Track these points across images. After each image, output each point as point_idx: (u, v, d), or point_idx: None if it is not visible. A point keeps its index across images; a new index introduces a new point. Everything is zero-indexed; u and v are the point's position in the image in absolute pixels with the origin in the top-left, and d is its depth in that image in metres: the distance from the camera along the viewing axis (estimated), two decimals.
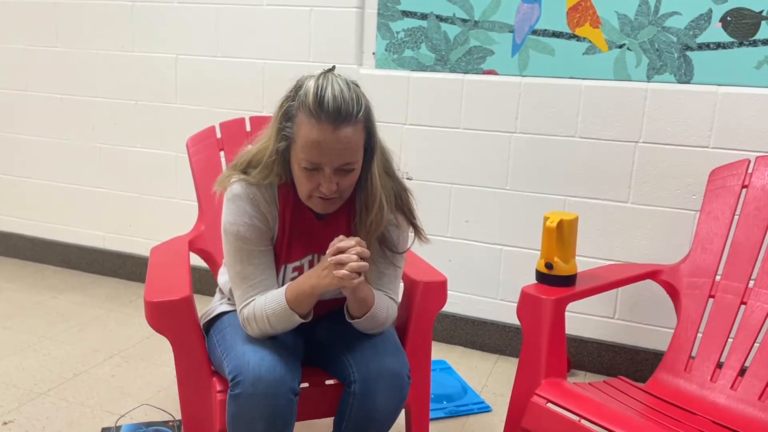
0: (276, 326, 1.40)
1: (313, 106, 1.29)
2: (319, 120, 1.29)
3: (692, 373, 1.73)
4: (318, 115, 1.29)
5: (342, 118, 1.29)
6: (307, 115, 1.30)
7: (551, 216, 1.71)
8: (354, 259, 1.32)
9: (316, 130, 1.29)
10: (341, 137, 1.30)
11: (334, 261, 1.33)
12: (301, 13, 2.58)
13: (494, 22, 2.34)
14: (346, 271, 1.31)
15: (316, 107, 1.29)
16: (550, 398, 1.52)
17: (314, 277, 1.37)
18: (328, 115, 1.28)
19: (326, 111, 1.28)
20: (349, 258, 1.32)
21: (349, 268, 1.31)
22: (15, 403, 2.07)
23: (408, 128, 2.51)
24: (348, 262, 1.32)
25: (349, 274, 1.31)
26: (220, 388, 1.46)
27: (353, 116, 1.30)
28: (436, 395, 2.15)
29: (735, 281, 1.75)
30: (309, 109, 1.29)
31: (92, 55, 2.96)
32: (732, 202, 1.82)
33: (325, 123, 1.29)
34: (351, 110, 1.30)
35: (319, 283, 1.35)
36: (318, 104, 1.28)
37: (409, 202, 1.51)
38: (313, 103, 1.29)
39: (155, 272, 1.64)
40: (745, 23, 2.07)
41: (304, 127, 1.31)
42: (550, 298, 1.63)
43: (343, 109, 1.29)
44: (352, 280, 1.32)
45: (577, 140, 2.30)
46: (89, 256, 3.19)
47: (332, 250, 1.35)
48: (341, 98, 1.29)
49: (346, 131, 1.30)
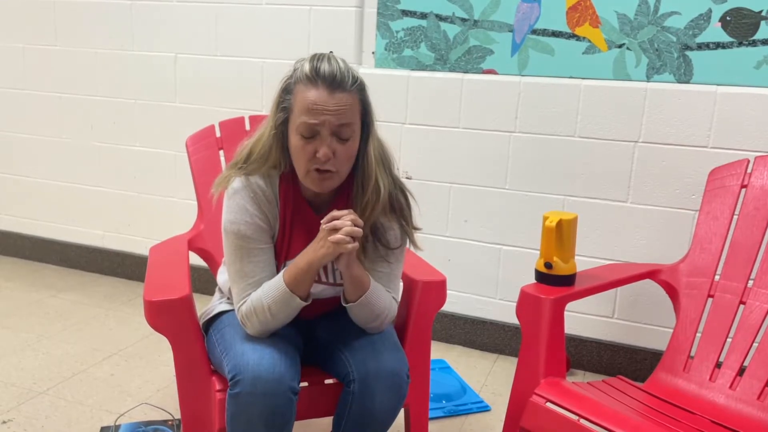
0: (277, 314, 1.40)
1: (310, 72, 1.36)
2: (316, 84, 1.35)
3: (691, 372, 1.73)
4: (314, 80, 1.35)
5: (337, 83, 1.35)
6: (304, 82, 1.37)
7: (550, 215, 1.71)
8: (348, 224, 1.34)
9: (313, 93, 1.35)
10: (337, 98, 1.35)
11: (329, 227, 1.35)
12: (300, 13, 2.58)
13: (494, 21, 2.34)
14: (340, 236, 1.33)
15: (312, 73, 1.36)
16: (549, 398, 1.52)
17: (310, 252, 1.38)
18: (324, 79, 1.35)
19: (322, 76, 1.35)
20: (343, 223, 1.35)
21: (344, 232, 1.33)
22: (14, 402, 2.07)
23: (407, 127, 2.51)
24: (342, 227, 1.34)
25: (343, 237, 1.33)
26: (220, 387, 1.46)
27: (348, 84, 1.37)
28: (435, 394, 2.15)
29: (734, 281, 1.76)
30: (306, 77, 1.36)
31: (91, 54, 2.96)
32: (731, 202, 1.82)
33: (321, 86, 1.35)
34: (346, 78, 1.37)
35: (315, 255, 1.37)
36: (314, 70, 1.36)
37: (403, 204, 1.50)
38: (310, 71, 1.36)
39: (154, 271, 1.64)
40: (744, 23, 2.07)
41: (301, 93, 1.37)
42: (550, 297, 1.63)
43: (338, 76, 1.35)
44: (346, 245, 1.34)
45: (577, 140, 2.31)
46: (88, 255, 3.19)
47: (326, 219, 1.37)
48: (337, 67, 1.37)
49: (342, 95, 1.36)
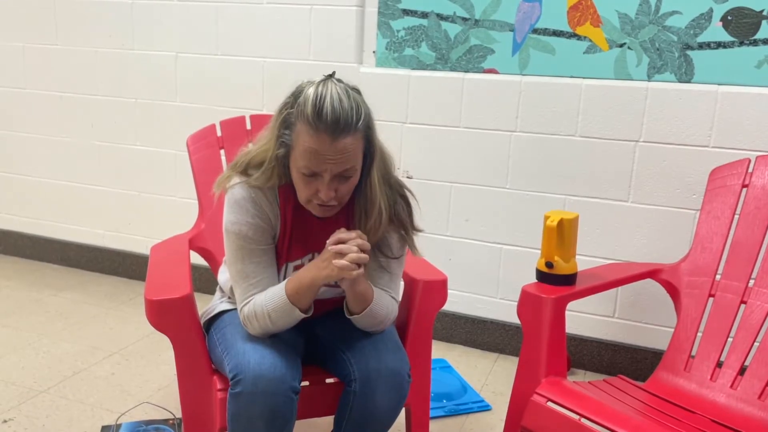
0: (277, 322, 1.40)
1: (312, 116, 1.28)
2: (317, 130, 1.28)
3: (692, 372, 1.73)
4: (316, 125, 1.28)
5: (340, 129, 1.28)
6: (305, 124, 1.29)
7: (552, 215, 1.71)
8: (354, 250, 1.32)
9: (314, 141, 1.28)
10: (339, 147, 1.29)
11: (335, 250, 1.33)
12: (301, 12, 2.58)
13: (495, 20, 2.34)
14: (345, 262, 1.31)
15: (314, 118, 1.27)
16: (550, 397, 1.52)
17: (314, 269, 1.37)
18: (326, 126, 1.27)
19: (324, 122, 1.27)
20: (349, 249, 1.32)
21: (349, 259, 1.32)
22: (15, 401, 2.07)
23: (408, 127, 2.51)
24: (348, 253, 1.32)
25: (348, 264, 1.31)
26: (221, 387, 1.47)
27: (352, 126, 1.29)
28: (436, 394, 2.15)
29: (735, 280, 1.75)
30: (307, 119, 1.28)
31: (92, 53, 2.96)
32: (732, 202, 1.82)
33: (323, 134, 1.28)
34: (350, 120, 1.29)
35: (319, 274, 1.35)
36: (316, 115, 1.27)
37: (402, 214, 1.48)
38: (312, 114, 1.27)
39: (155, 270, 1.64)
40: (745, 22, 2.07)
41: (303, 136, 1.30)
42: (551, 297, 1.63)
43: (341, 120, 1.28)
44: (351, 272, 1.32)
45: (578, 139, 2.30)
46: (89, 254, 3.19)
47: (333, 240, 1.35)
48: (340, 108, 1.28)
49: (345, 141, 1.29)
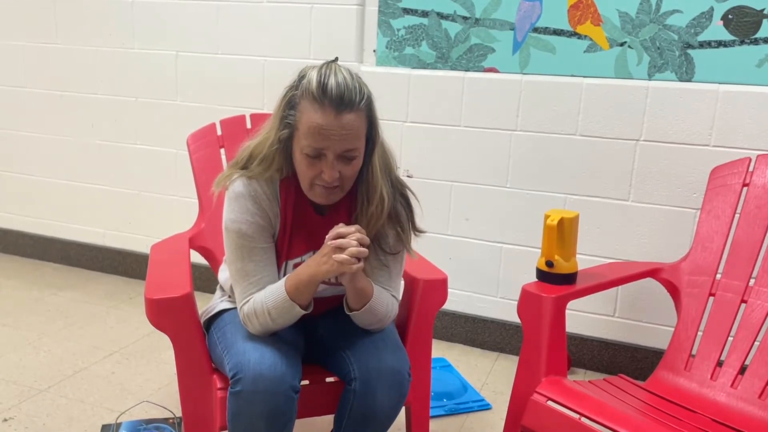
0: (277, 319, 1.40)
1: (317, 91, 1.30)
2: (323, 105, 1.30)
3: (692, 371, 1.73)
4: (321, 100, 1.30)
5: (345, 103, 1.30)
6: (310, 101, 1.31)
7: (552, 214, 1.71)
8: (354, 244, 1.32)
9: (319, 115, 1.30)
10: (344, 122, 1.30)
11: (334, 245, 1.33)
12: (301, 11, 2.58)
13: (495, 19, 2.34)
14: (345, 256, 1.31)
15: (319, 92, 1.30)
16: (551, 396, 1.52)
17: (313, 265, 1.37)
18: (331, 101, 1.29)
19: (329, 96, 1.29)
20: (348, 243, 1.32)
21: (349, 253, 1.31)
22: (15, 400, 2.07)
23: (409, 126, 2.51)
24: (348, 247, 1.32)
25: (348, 258, 1.31)
26: (221, 386, 1.47)
27: (356, 103, 1.31)
28: (436, 393, 2.15)
29: (735, 280, 1.75)
30: (312, 95, 1.30)
31: (92, 52, 2.96)
32: (733, 201, 1.82)
33: (328, 108, 1.30)
34: (354, 97, 1.31)
35: (319, 269, 1.35)
36: (321, 90, 1.29)
37: (400, 212, 1.48)
38: (317, 89, 1.30)
39: (156, 269, 1.64)
40: (746, 21, 2.07)
41: (307, 113, 1.32)
42: (551, 296, 1.63)
43: (345, 96, 1.30)
44: (351, 266, 1.32)
45: (578, 138, 2.30)
46: (89, 253, 3.19)
47: (332, 235, 1.35)
48: (344, 85, 1.30)
49: (349, 117, 1.31)
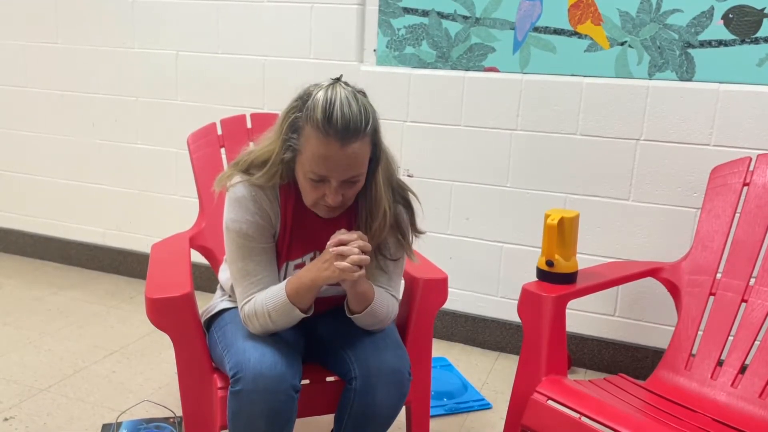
0: (277, 321, 1.40)
1: (322, 122, 1.27)
2: (327, 135, 1.28)
3: (693, 370, 1.73)
4: (326, 131, 1.27)
5: (350, 134, 1.28)
6: (315, 129, 1.29)
7: (552, 213, 1.71)
8: (355, 252, 1.32)
9: (324, 146, 1.28)
10: (349, 153, 1.29)
11: (336, 252, 1.33)
12: (302, 10, 2.58)
13: (495, 19, 2.33)
14: (347, 264, 1.31)
15: (324, 123, 1.27)
16: (551, 395, 1.52)
17: (314, 270, 1.37)
18: (336, 132, 1.27)
19: (334, 127, 1.27)
20: (350, 250, 1.32)
21: (350, 261, 1.31)
22: (16, 399, 2.07)
23: (409, 125, 2.51)
24: (349, 255, 1.32)
25: (349, 266, 1.31)
26: (221, 385, 1.47)
27: (361, 131, 1.29)
28: (437, 392, 2.15)
29: (736, 279, 1.75)
30: (317, 125, 1.28)
31: (92, 52, 2.96)
32: (733, 200, 1.82)
33: (333, 139, 1.27)
34: (359, 125, 1.29)
35: (320, 275, 1.35)
36: (326, 120, 1.27)
37: (401, 219, 1.48)
38: (322, 119, 1.27)
39: (156, 269, 1.64)
40: (746, 20, 2.07)
41: (312, 141, 1.30)
42: (551, 295, 1.63)
43: (351, 126, 1.27)
44: (352, 273, 1.32)
45: (578, 138, 2.30)
46: (89, 253, 3.19)
47: (333, 242, 1.35)
48: (349, 113, 1.27)
49: (354, 147, 1.29)
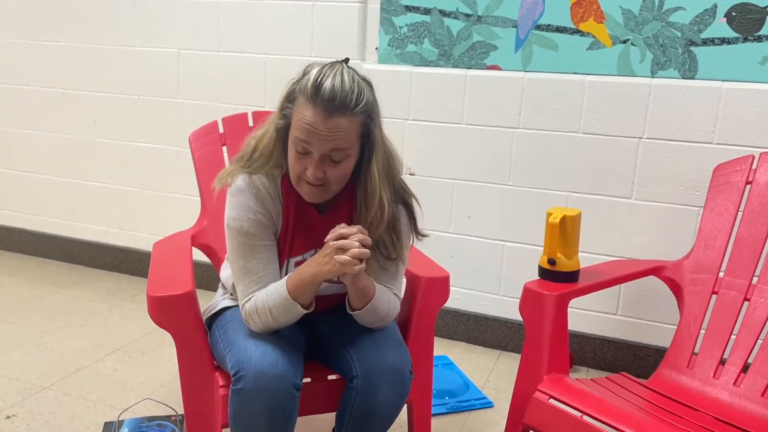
0: (278, 318, 1.40)
1: (311, 90, 1.31)
2: (314, 104, 1.31)
3: (695, 369, 1.73)
4: (313, 99, 1.31)
5: (335, 107, 1.30)
6: (305, 98, 1.33)
7: (554, 212, 1.70)
8: (356, 246, 1.32)
9: (309, 113, 1.32)
10: (331, 125, 1.31)
11: (336, 246, 1.33)
12: (303, 8, 2.58)
13: (497, 17, 2.33)
14: (347, 257, 1.31)
15: (312, 92, 1.31)
16: (553, 394, 1.51)
17: (315, 265, 1.37)
18: (322, 101, 1.30)
19: (321, 97, 1.30)
20: (350, 244, 1.32)
21: (351, 254, 1.31)
22: (18, 397, 2.08)
23: (410, 123, 2.50)
24: (349, 248, 1.32)
25: (350, 260, 1.31)
26: (223, 383, 1.47)
27: (348, 108, 1.31)
28: (438, 391, 2.15)
29: (738, 278, 1.75)
30: (306, 93, 1.32)
31: (94, 50, 2.96)
32: (736, 199, 1.81)
33: (319, 107, 1.31)
34: (347, 101, 1.31)
35: (320, 270, 1.35)
36: (314, 89, 1.31)
37: (398, 221, 1.47)
38: (311, 88, 1.31)
39: (158, 267, 1.64)
40: (750, 18, 2.06)
41: (300, 108, 1.34)
42: (553, 294, 1.62)
43: (338, 100, 1.30)
44: (353, 267, 1.32)
45: (581, 136, 2.30)
46: (91, 251, 3.20)
47: (333, 236, 1.35)
48: (339, 88, 1.30)
49: (339, 120, 1.31)
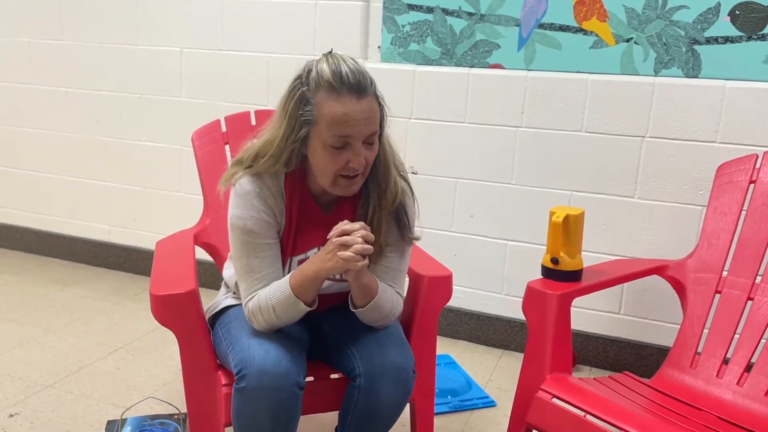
0: (282, 316, 1.40)
1: (334, 80, 1.31)
2: (341, 94, 1.31)
3: (698, 368, 1.73)
4: (339, 89, 1.31)
5: (362, 88, 1.32)
6: (328, 92, 1.32)
7: (557, 211, 1.70)
8: (359, 241, 1.32)
9: (341, 104, 1.31)
10: (365, 107, 1.33)
11: (339, 242, 1.33)
12: (306, 7, 2.58)
13: (500, 15, 2.33)
14: (350, 253, 1.31)
15: (337, 81, 1.31)
16: (556, 393, 1.51)
17: (318, 262, 1.37)
18: (350, 87, 1.31)
19: (347, 84, 1.31)
20: (353, 240, 1.32)
21: (354, 250, 1.31)
22: (21, 396, 2.08)
23: (413, 122, 2.50)
24: (352, 244, 1.32)
25: (353, 255, 1.31)
26: (226, 382, 1.47)
27: (370, 87, 1.35)
28: (441, 390, 2.15)
29: (742, 277, 1.75)
30: (329, 86, 1.31)
31: (97, 49, 2.96)
32: (739, 198, 1.81)
33: (347, 96, 1.31)
34: (367, 81, 1.34)
35: (323, 266, 1.35)
36: (338, 78, 1.31)
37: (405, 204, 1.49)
38: (333, 78, 1.31)
39: (160, 266, 1.64)
40: (753, 17, 2.06)
41: (327, 104, 1.32)
42: (556, 293, 1.62)
43: (361, 81, 1.32)
44: (356, 263, 1.32)
45: (584, 135, 2.29)
46: (94, 250, 3.20)
47: (336, 232, 1.35)
48: (356, 69, 1.33)
49: (368, 101, 1.34)
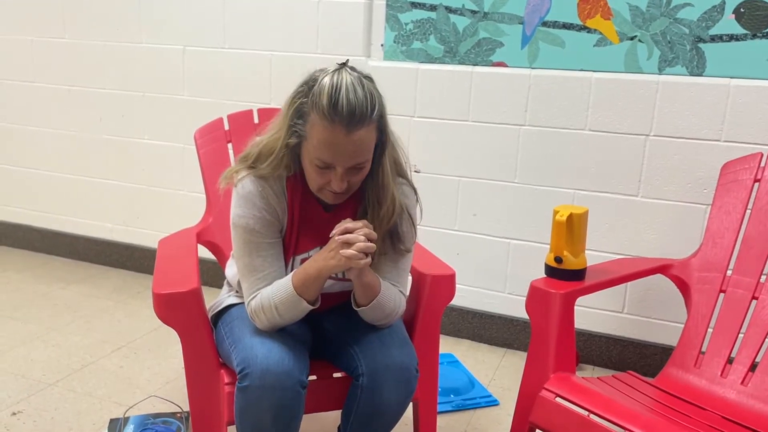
0: (284, 315, 1.40)
1: (327, 109, 1.26)
2: (333, 123, 1.27)
3: (702, 368, 1.72)
4: (332, 117, 1.26)
5: (356, 121, 1.27)
6: (320, 116, 1.28)
7: (561, 210, 1.69)
8: (361, 240, 1.32)
9: (329, 133, 1.28)
10: (354, 140, 1.28)
11: (342, 240, 1.33)
12: (309, 5, 2.57)
13: (504, 13, 2.32)
14: (353, 251, 1.31)
15: (330, 110, 1.26)
16: (559, 392, 1.51)
17: (320, 260, 1.37)
18: (342, 118, 1.26)
19: (340, 114, 1.26)
20: (356, 238, 1.32)
21: (356, 248, 1.31)
22: (24, 394, 2.08)
23: (416, 121, 2.50)
24: (355, 242, 1.32)
25: (356, 254, 1.31)
26: (228, 381, 1.47)
27: (367, 117, 1.28)
28: (444, 389, 2.14)
29: (746, 276, 1.74)
30: (323, 111, 1.27)
31: (100, 47, 2.96)
32: (744, 196, 1.80)
33: (338, 126, 1.27)
34: (365, 111, 1.28)
35: (326, 264, 1.35)
36: (332, 107, 1.26)
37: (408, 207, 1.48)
38: (327, 106, 1.26)
39: (163, 264, 1.64)
40: (758, 15, 2.05)
41: (317, 127, 1.29)
42: (560, 292, 1.62)
43: (357, 112, 1.26)
44: (358, 261, 1.32)
45: (587, 133, 2.29)
46: (97, 248, 3.20)
47: (339, 230, 1.35)
48: (355, 100, 1.26)
49: (360, 133, 1.28)
